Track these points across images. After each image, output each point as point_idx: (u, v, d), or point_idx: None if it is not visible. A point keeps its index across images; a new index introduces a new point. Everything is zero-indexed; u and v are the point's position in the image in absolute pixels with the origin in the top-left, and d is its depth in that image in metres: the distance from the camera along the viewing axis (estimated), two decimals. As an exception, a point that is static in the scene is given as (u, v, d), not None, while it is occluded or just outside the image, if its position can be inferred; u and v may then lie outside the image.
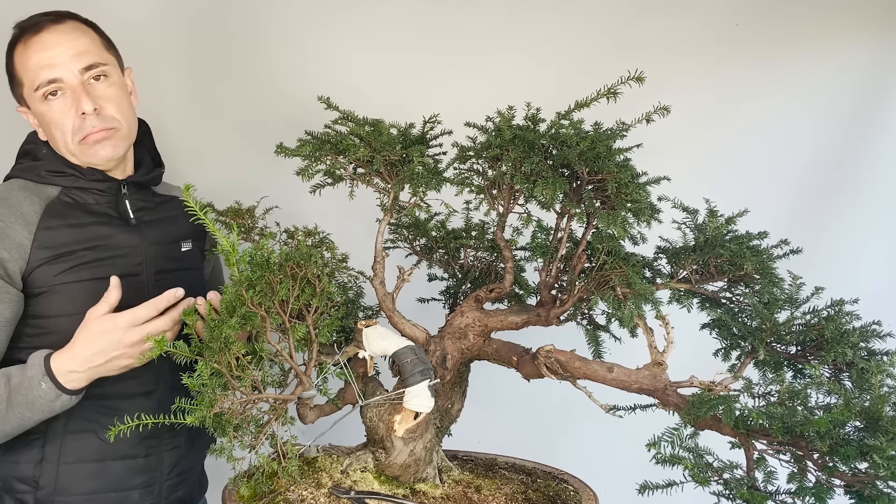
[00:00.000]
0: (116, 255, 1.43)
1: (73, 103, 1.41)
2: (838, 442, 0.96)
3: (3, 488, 1.41)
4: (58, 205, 1.42)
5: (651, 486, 1.05)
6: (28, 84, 1.42)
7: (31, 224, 1.37)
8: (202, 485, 1.67)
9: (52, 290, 1.37)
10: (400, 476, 1.28)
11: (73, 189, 1.45)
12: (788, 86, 2.16)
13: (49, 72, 1.40)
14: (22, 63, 1.43)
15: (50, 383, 1.27)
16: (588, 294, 1.22)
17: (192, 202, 1.14)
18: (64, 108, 1.41)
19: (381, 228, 1.35)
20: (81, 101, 1.40)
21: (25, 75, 1.42)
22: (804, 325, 1.16)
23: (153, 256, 1.48)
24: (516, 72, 2.09)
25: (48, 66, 1.40)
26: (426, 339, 1.34)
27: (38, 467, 1.39)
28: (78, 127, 1.42)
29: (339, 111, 1.30)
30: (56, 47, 1.40)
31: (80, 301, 1.38)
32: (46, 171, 1.45)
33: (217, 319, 1.14)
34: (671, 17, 2.14)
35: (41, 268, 1.36)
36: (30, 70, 1.41)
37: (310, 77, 2.07)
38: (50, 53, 1.40)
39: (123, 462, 1.44)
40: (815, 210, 2.19)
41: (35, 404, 1.29)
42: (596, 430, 1.85)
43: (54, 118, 1.42)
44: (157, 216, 1.54)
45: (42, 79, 1.40)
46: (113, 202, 1.47)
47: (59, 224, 1.40)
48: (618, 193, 1.16)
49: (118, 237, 1.44)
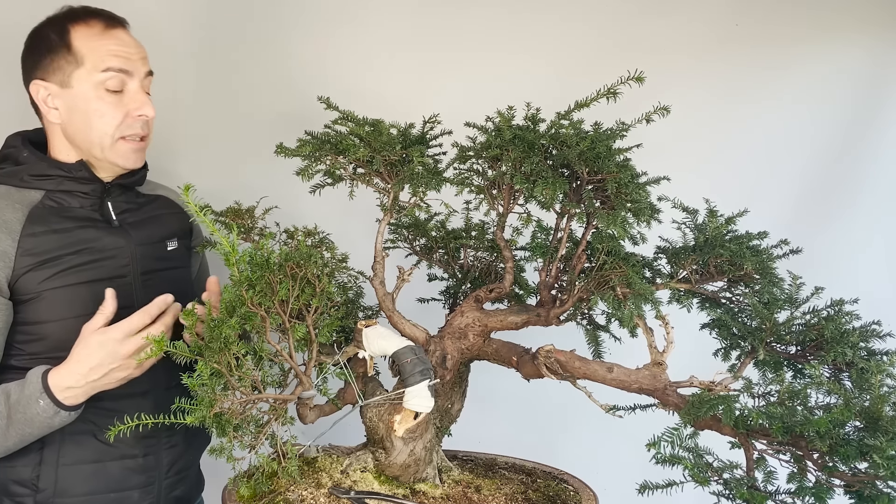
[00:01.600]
0: (102, 257, 1.43)
1: (129, 101, 1.42)
2: (838, 442, 0.96)
3: (1, 492, 1.40)
4: (41, 210, 1.41)
5: (651, 486, 1.05)
6: (93, 64, 1.40)
7: (15, 232, 1.36)
8: (199, 484, 1.67)
9: (39, 297, 1.36)
10: (400, 476, 1.28)
11: (57, 192, 1.44)
12: (788, 86, 2.16)
13: (125, 63, 1.41)
14: (91, 42, 1.40)
15: (48, 400, 1.27)
16: (588, 294, 1.22)
17: (192, 203, 1.13)
18: (120, 103, 1.42)
19: (381, 228, 1.35)
20: (146, 106, 1.43)
21: (90, 54, 1.40)
22: (804, 325, 1.16)
23: (139, 257, 1.48)
24: (516, 72, 2.09)
25: (126, 58, 1.42)
26: (426, 339, 1.34)
27: (37, 470, 1.38)
28: (127, 126, 1.43)
29: (339, 111, 1.30)
30: (131, 46, 1.44)
31: (68, 306, 1.38)
32: (29, 176, 1.43)
33: (217, 319, 1.13)
34: (671, 17, 2.14)
35: (27, 275, 1.36)
36: (100, 52, 1.40)
37: (310, 77, 2.07)
38: (127, 49, 1.43)
39: (122, 462, 1.44)
40: (815, 210, 2.19)
41: (34, 421, 1.29)
42: (596, 430, 1.85)
43: (102, 108, 1.41)
44: (141, 217, 1.53)
45: (115, 65, 1.40)
46: (97, 205, 1.47)
47: (42, 230, 1.38)
48: (618, 193, 1.16)
49: (103, 240, 1.44)
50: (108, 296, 1.32)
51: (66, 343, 1.36)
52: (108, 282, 1.41)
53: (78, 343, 1.29)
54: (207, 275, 1.74)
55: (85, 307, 1.38)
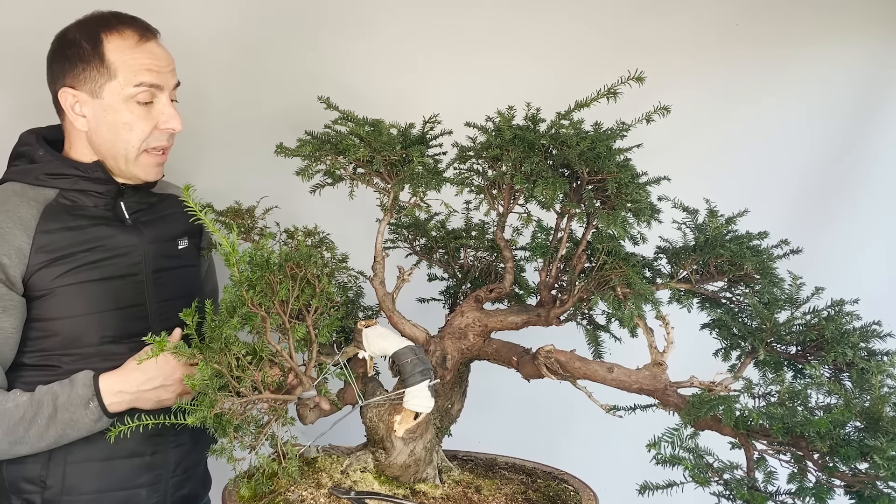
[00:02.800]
0: (115, 255, 1.44)
1: (158, 114, 1.43)
2: (838, 442, 0.96)
3: (10, 489, 1.41)
4: (55, 208, 1.42)
5: (651, 486, 1.05)
6: (126, 78, 1.40)
7: (30, 228, 1.37)
8: (206, 482, 1.67)
9: (52, 293, 1.37)
10: (400, 476, 1.28)
11: (71, 191, 1.44)
12: (788, 86, 2.16)
13: (158, 78, 1.42)
14: (124, 55, 1.40)
15: (97, 404, 1.32)
16: (588, 294, 1.22)
17: (192, 202, 1.13)
18: (149, 116, 1.43)
19: (381, 228, 1.35)
20: (173, 120, 1.44)
21: (124, 67, 1.40)
22: (804, 325, 1.16)
23: (151, 255, 1.49)
24: (516, 72, 2.09)
25: (157, 72, 1.42)
26: (426, 339, 1.34)
27: (46, 467, 1.39)
28: (154, 138, 1.44)
29: (339, 111, 1.30)
30: (163, 60, 1.44)
31: (81, 303, 1.39)
32: (45, 174, 1.43)
33: (217, 319, 1.13)
34: (671, 16, 2.14)
35: (41, 271, 1.36)
36: (135, 66, 1.40)
37: (310, 77, 2.07)
38: (159, 63, 1.43)
39: (130, 460, 1.44)
40: (815, 210, 2.19)
41: (78, 423, 1.32)
42: (596, 430, 1.85)
43: (131, 121, 1.41)
44: (153, 216, 1.54)
45: (149, 80, 1.40)
46: (111, 204, 1.47)
47: (56, 227, 1.39)
48: (618, 193, 1.16)
49: (116, 238, 1.45)
50: (175, 333, 1.37)
51: (76, 340, 1.38)
52: (121, 279, 1.42)
53: (141, 353, 1.31)
54: (214, 275, 1.75)
55: (97, 304, 1.39)
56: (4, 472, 1.41)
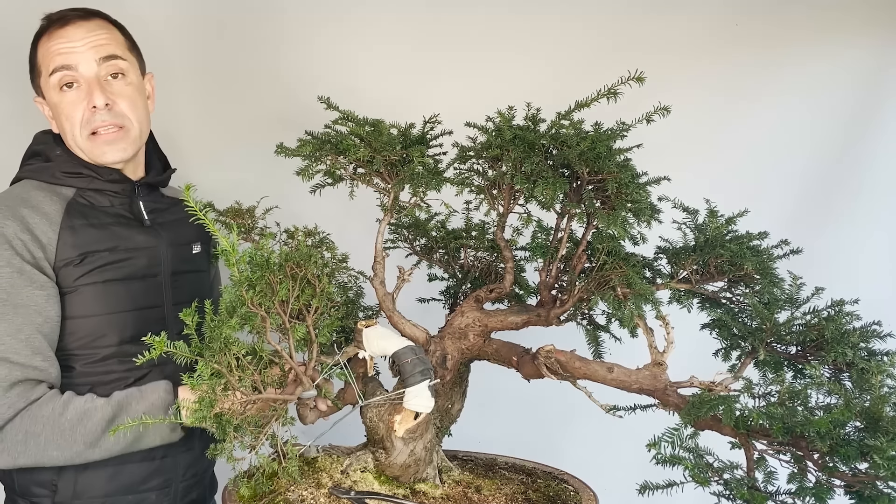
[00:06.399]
0: (134, 256, 1.44)
1: (85, 96, 1.41)
2: (838, 442, 0.96)
3: (19, 493, 1.41)
4: (76, 205, 1.42)
5: (651, 486, 1.05)
6: (45, 70, 1.42)
7: (55, 223, 1.37)
8: (213, 486, 1.67)
9: (75, 291, 1.37)
10: (400, 476, 1.28)
11: (88, 191, 1.44)
12: (788, 86, 2.16)
13: (66, 58, 1.40)
14: (43, 51, 1.43)
15: (175, 410, 1.30)
16: (588, 294, 1.22)
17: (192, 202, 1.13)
18: (77, 99, 1.41)
19: (381, 228, 1.35)
20: (94, 95, 1.40)
21: (43, 62, 1.43)
22: (804, 325, 1.16)
23: (169, 258, 1.49)
24: (516, 72, 2.09)
25: (67, 53, 1.40)
26: (426, 339, 1.34)
27: (58, 472, 1.38)
28: (87, 120, 1.42)
29: (339, 111, 1.30)
30: (78, 40, 1.41)
31: (101, 302, 1.38)
32: (61, 173, 1.44)
33: (217, 319, 1.13)
34: (671, 17, 2.14)
35: (65, 268, 1.36)
36: (48, 56, 1.41)
37: (310, 77, 2.07)
38: (71, 44, 1.41)
39: (141, 465, 1.43)
40: (815, 210, 2.19)
41: (157, 430, 1.34)
42: (596, 430, 1.85)
43: (66, 109, 1.42)
44: (168, 218, 1.54)
45: (57, 63, 1.40)
46: (127, 203, 1.48)
47: (81, 224, 1.39)
48: (618, 193, 1.16)
49: (136, 238, 1.45)
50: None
51: (95, 340, 1.37)
52: (141, 280, 1.42)
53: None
54: (219, 284, 1.74)
55: (117, 304, 1.39)
56: (16, 476, 1.40)
